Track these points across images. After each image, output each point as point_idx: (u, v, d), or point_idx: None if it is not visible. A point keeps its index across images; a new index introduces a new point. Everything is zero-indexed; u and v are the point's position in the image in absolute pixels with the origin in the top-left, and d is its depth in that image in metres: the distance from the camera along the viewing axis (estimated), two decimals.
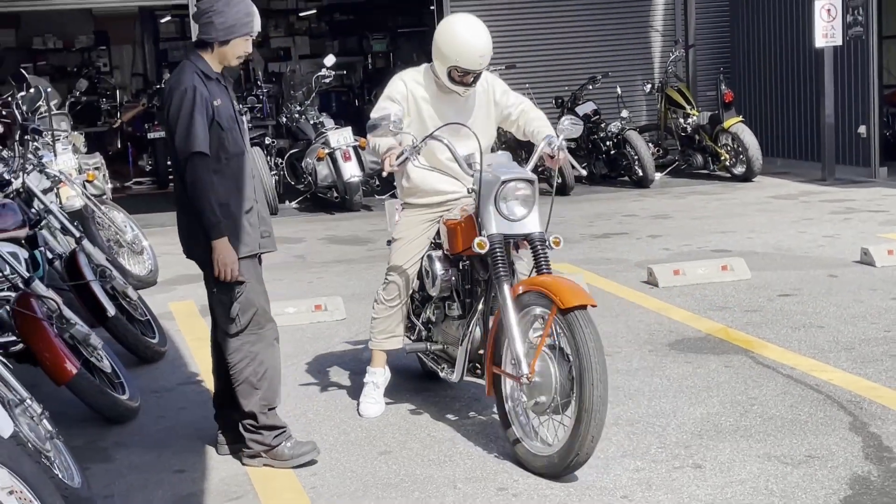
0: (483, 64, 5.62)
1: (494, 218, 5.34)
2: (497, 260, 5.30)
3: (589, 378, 4.78)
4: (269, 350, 5.29)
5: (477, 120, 5.88)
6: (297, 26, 23.59)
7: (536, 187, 5.44)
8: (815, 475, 4.89)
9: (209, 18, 5.06)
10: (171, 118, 5.04)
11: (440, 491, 4.90)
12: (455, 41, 5.58)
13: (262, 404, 5.24)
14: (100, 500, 4.97)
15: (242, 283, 5.12)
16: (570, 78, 16.30)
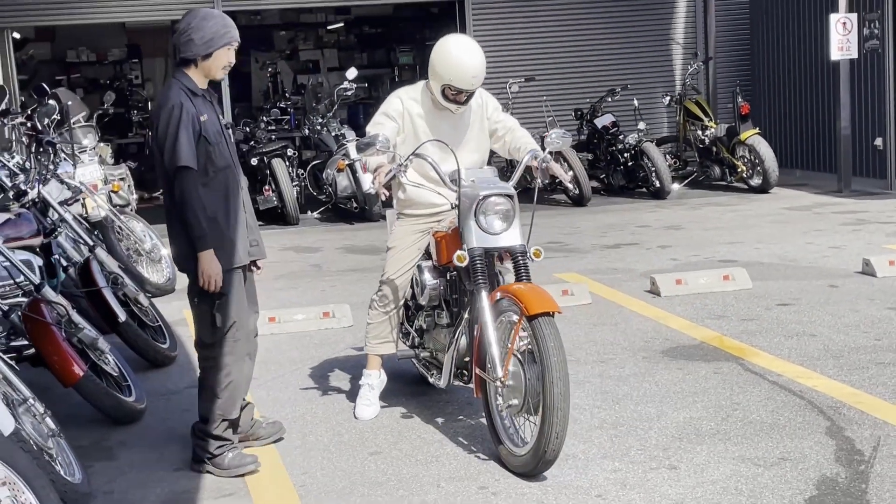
0: (475, 84, 5.84)
1: (475, 232, 5.57)
2: (477, 271, 5.53)
3: (549, 377, 5.00)
4: (238, 364, 5.44)
5: (471, 135, 6.11)
6: (326, 39, 23.87)
7: (516, 202, 5.66)
8: (784, 476, 5.07)
9: (188, 36, 5.27)
10: (160, 135, 5.24)
11: (424, 489, 5.12)
12: (449, 61, 5.81)
13: (219, 414, 5.41)
14: (100, 495, 5.22)
15: (224, 295, 5.30)
16: (590, 90, 16.54)
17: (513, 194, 5.65)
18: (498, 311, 5.44)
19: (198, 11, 5.39)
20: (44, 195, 7.31)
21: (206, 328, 5.36)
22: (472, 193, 5.59)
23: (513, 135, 6.17)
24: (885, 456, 5.26)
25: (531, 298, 5.21)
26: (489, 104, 6.20)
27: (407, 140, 6.04)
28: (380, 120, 6.05)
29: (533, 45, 17.09)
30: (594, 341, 7.57)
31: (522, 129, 6.23)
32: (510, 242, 5.61)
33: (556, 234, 12.12)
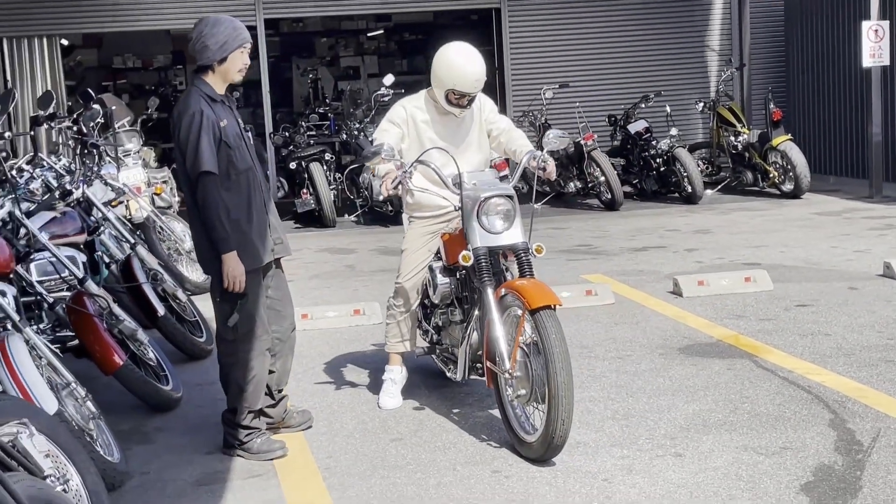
0: (477, 87, 6.14)
1: (478, 232, 5.86)
2: (482, 270, 5.83)
3: (552, 367, 5.29)
4: (259, 358, 5.72)
5: (472, 137, 6.42)
6: (367, 46, 24.24)
7: (516, 202, 5.95)
8: (784, 464, 5.32)
9: (203, 43, 5.53)
10: (181, 141, 5.50)
11: (440, 472, 5.41)
12: (452, 67, 6.12)
13: (245, 406, 5.72)
14: (137, 475, 5.56)
15: (245, 295, 5.58)
16: (624, 96, 16.80)
17: (513, 195, 5.94)
18: (504, 307, 5.73)
19: (208, 19, 5.66)
20: (88, 195, 7.67)
21: (227, 326, 5.64)
22: (473, 195, 5.88)
23: (508, 136, 6.45)
24: (883, 446, 5.49)
25: (533, 293, 5.50)
26: (485, 106, 6.49)
27: (412, 146, 6.34)
28: (385, 127, 6.37)
29: (568, 51, 17.37)
30: (614, 339, 7.83)
31: (517, 129, 6.52)
32: (512, 240, 5.90)
33: (587, 238, 12.38)
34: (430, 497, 5.13)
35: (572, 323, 8.30)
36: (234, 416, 5.74)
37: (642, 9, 17.46)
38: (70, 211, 7.37)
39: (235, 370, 5.69)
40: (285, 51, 23.95)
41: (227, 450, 5.78)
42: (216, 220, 5.48)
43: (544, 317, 5.44)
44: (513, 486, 5.22)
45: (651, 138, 15.27)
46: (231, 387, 5.74)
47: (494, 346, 5.69)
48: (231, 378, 5.73)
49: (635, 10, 17.44)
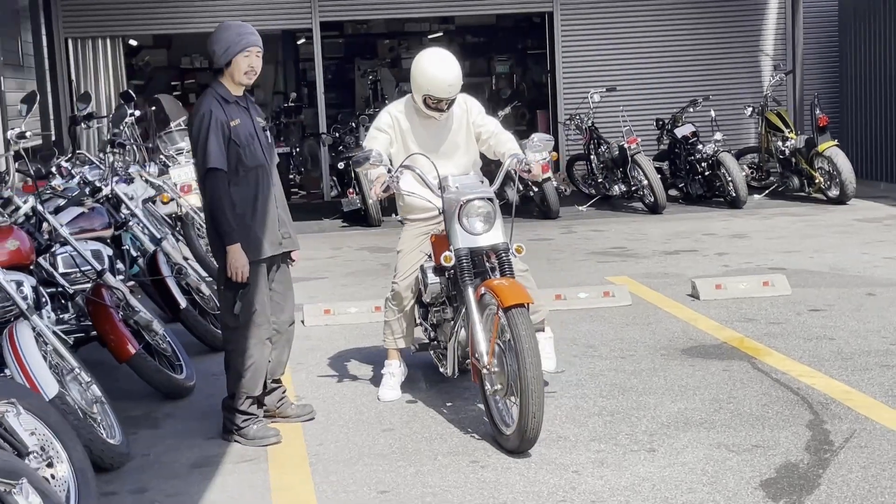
0: (452, 92, 6.40)
1: (459, 234, 6.11)
2: (463, 270, 6.09)
3: (522, 363, 5.54)
4: (259, 347, 6.04)
5: (459, 140, 6.66)
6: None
7: (496, 204, 6.18)
8: (751, 461, 5.51)
9: (211, 49, 5.92)
10: (193, 139, 5.90)
11: (421, 461, 5.68)
12: (426, 73, 6.38)
13: (244, 392, 6.03)
14: (138, 457, 5.90)
15: (247, 285, 5.91)
16: (672, 100, 16.91)
17: (493, 197, 6.16)
18: (483, 305, 5.99)
19: (220, 25, 6.04)
20: (117, 192, 8.04)
21: (230, 314, 5.98)
22: (454, 198, 6.13)
23: (497, 138, 6.68)
24: (853, 446, 5.65)
25: (506, 292, 5.76)
26: (472, 109, 6.71)
27: (399, 151, 6.60)
28: (373, 134, 6.65)
29: (619, 55, 17.55)
30: (621, 339, 8.04)
31: (506, 132, 6.74)
32: (494, 241, 6.14)
33: (622, 240, 12.55)
34: (406, 484, 5.39)
35: (585, 323, 8.53)
36: (232, 401, 6.04)
37: (694, 13, 17.57)
38: (98, 207, 7.75)
39: (235, 357, 6.01)
40: (349, 52, 24.38)
41: (226, 435, 6.09)
42: (221, 213, 5.82)
43: (516, 315, 5.68)
44: (486, 475, 5.47)
45: (697, 142, 15.36)
46: (230, 372, 6.06)
47: (474, 343, 5.95)
48: (231, 364, 6.05)
49: (687, 14, 17.57)
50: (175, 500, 5.30)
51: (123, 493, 5.41)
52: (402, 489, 5.33)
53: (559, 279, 10.29)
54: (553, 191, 14.46)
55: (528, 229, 13.77)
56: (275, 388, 6.31)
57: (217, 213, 5.82)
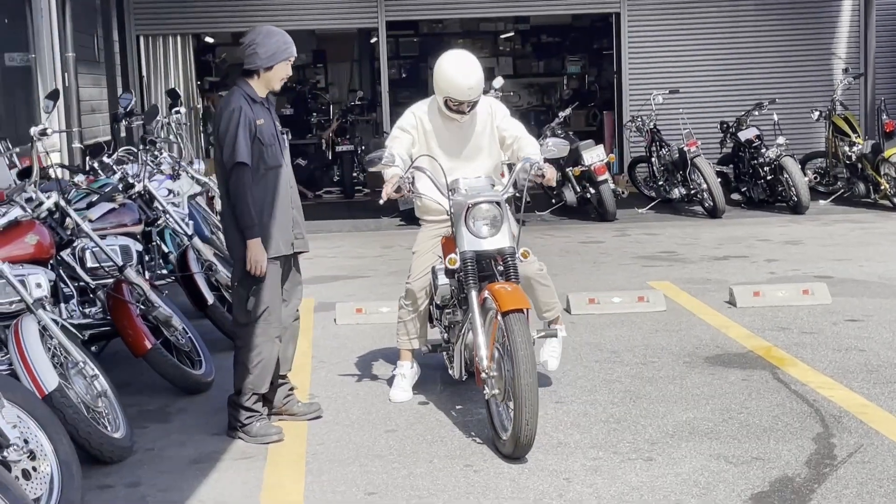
0: (471, 95, 6.38)
1: (465, 237, 6.11)
2: (468, 273, 6.09)
3: (517, 370, 5.53)
4: (269, 344, 6.11)
5: (483, 142, 6.65)
6: (503, 47, 24.54)
7: (504, 208, 6.16)
8: (746, 474, 5.43)
9: (253, 50, 5.99)
10: (221, 133, 6.00)
11: (416, 464, 5.70)
12: (447, 76, 6.38)
13: (250, 388, 6.10)
14: (141, 451, 6.00)
15: (261, 281, 5.99)
16: (738, 103, 16.73)
17: (501, 201, 6.15)
18: (486, 309, 5.99)
19: (262, 28, 6.13)
20: (150, 188, 8.17)
21: (242, 310, 6.06)
22: (462, 202, 6.13)
23: (519, 143, 6.65)
24: (855, 461, 5.55)
25: (505, 297, 5.76)
26: (497, 113, 6.70)
27: (421, 151, 6.61)
28: (396, 134, 6.67)
29: (685, 56, 17.44)
30: (647, 345, 7.97)
31: (529, 136, 6.69)
32: (500, 245, 6.12)
33: (674, 244, 12.44)
34: (395, 486, 5.41)
35: (614, 328, 8.48)
36: (238, 397, 6.11)
37: (764, 16, 17.36)
38: (129, 203, 7.89)
39: (244, 353, 6.08)
40: (423, 51, 24.46)
41: (230, 431, 6.16)
42: (244, 207, 5.92)
43: (512, 320, 5.67)
44: (477, 479, 5.47)
45: (761, 146, 15.16)
46: (238, 368, 6.13)
47: (475, 346, 5.95)
48: (239, 360, 6.12)
49: (755, 16, 17.38)
50: (165, 494, 5.38)
51: (118, 487, 5.50)
52: (390, 491, 5.35)
53: (600, 282, 10.23)
54: (609, 193, 14.36)
55: (581, 231, 13.73)
56: (281, 384, 6.37)
57: (240, 206, 5.91)
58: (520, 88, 24.61)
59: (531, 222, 14.61)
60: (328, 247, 13.06)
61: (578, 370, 7.32)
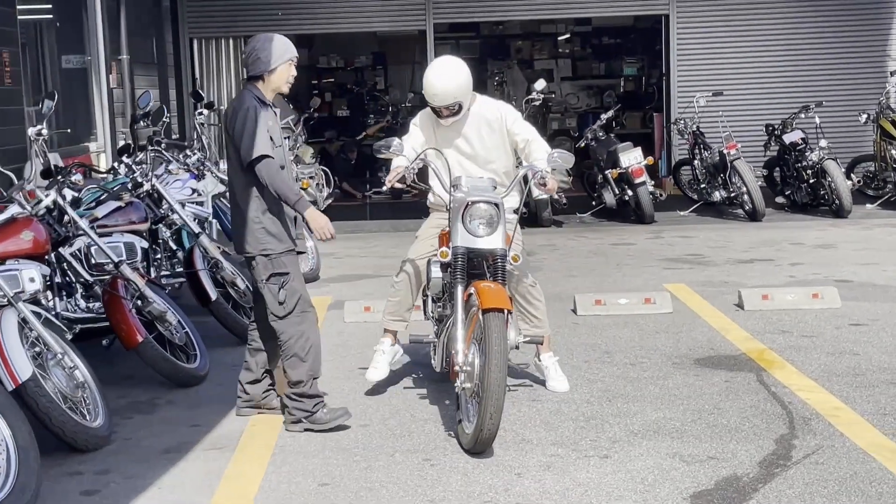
0: (443, 102, 6.55)
1: (460, 233, 6.24)
2: (457, 269, 6.21)
3: (488, 364, 5.65)
4: (313, 329, 6.35)
5: (490, 145, 6.77)
6: (562, 49, 24.57)
7: (502, 210, 6.27)
8: (696, 472, 5.50)
9: (256, 56, 6.20)
10: (237, 132, 6.13)
11: (377, 457, 5.85)
12: (426, 80, 6.56)
13: (309, 374, 6.29)
14: (119, 440, 6.22)
15: (287, 273, 6.21)
16: (784, 105, 16.62)
17: (499, 202, 6.27)
18: (470, 305, 6.11)
19: (261, 35, 6.33)
20: (158, 187, 8.43)
21: (277, 304, 6.23)
22: (462, 198, 6.26)
23: (530, 147, 6.76)
24: (809, 463, 5.59)
25: (488, 295, 5.88)
26: (507, 117, 6.81)
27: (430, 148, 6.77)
28: (411, 130, 6.88)
29: (732, 58, 17.39)
30: (641, 346, 8.03)
31: (540, 141, 6.79)
32: (493, 246, 6.25)
33: (704, 247, 12.44)
34: (350, 477, 5.57)
35: (615, 329, 8.55)
36: (298, 387, 6.25)
37: (813, 17, 17.25)
38: (136, 202, 8.15)
39: (293, 343, 6.25)
40: (482, 53, 24.58)
41: (293, 425, 6.27)
42: (287, 188, 6.11)
43: (491, 318, 5.80)
44: (431, 473, 5.60)
45: (806, 149, 15.04)
46: (290, 360, 6.26)
47: (453, 339, 6.10)
48: (289, 352, 6.26)
49: (806, 18, 17.28)
50: (130, 482, 5.58)
51: (88, 473, 5.72)
52: (344, 483, 5.50)
53: (617, 284, 10.30)
54: (647, 195, 14.38)
55: (616, 233, 13.77)
56: (262, 380, 6.55)
57: (281, 189, 6.05)
58: (578, 90, 24.64)
59: (569, 224, 14.71)
60: (362, 247, 13.27)
61: (567, 370, 7.38)
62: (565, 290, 9.94)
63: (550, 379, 7.00)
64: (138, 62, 16.35)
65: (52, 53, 15.14)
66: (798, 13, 17.29)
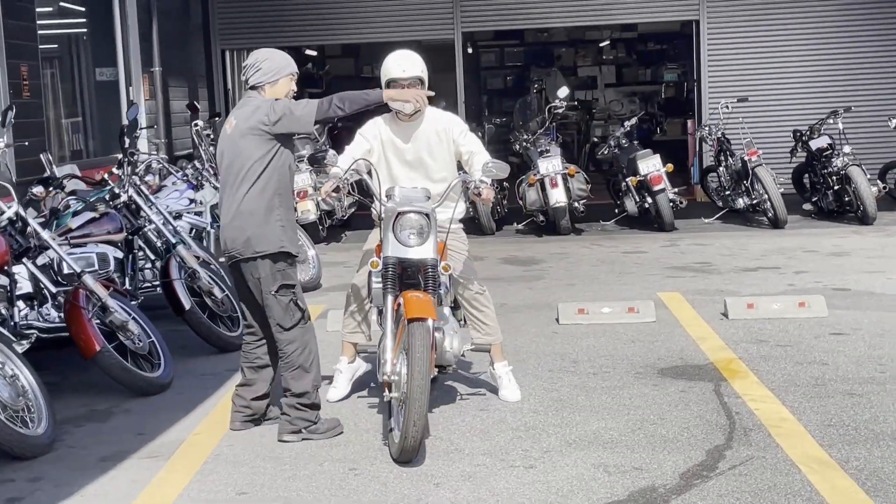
0: (404, 72, 6.65)
1: (391, 243, 6.27)
2: (387, 278, 6.25)
3: (411, 372, 5.71)
4: (314, 339, 6.44)
5: (437, 154, 6.81)
6: (606, 56, 24.49)
7: (433, 220, 6.29)
8: (613, 483, 5.48)
9: (258, 67, 6.29)
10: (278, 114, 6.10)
11: (306, 465, 5.89)
12: (390, 64, 6.72)
13: (314, 384, 6.35)
14: (63, 448, 6.34)
15: (295, 284, 6.32)
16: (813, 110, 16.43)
17: (428, 212, 6.29)
18: (398, 315, 6.14)
19: (262, 50, 6.44)
20: (135, 198, 8.56)
21: (288, 315, 6.28)
22: (392, 208, 6.30)
23: (472, 158, 6.79)
24: (734, 474, 5.55)
25: (412, 305, 5.93)
26: (454, 129, 6.85)
27: (380, 160, 6.82)
28: (357, 139, 6.91)
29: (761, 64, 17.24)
30: (610, 355, 8.00)
31: (483, 153, 6.80)
32: (421, 256, 6.27)
33: (715, 255, 12.32)
34: (270, 486, 5.62)
35: (592, 339, 8.51)
36: (302, 398, 6.29)
37: (844, 23, 17.03)
38: (111, 212, 8.29)
39: (298, 354, 6.30)
40: (526, 60, 24.60)
41: (291, 436, 6.28)
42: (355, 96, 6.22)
43: (415, 327, 5.85)
44: (351, 482, 5.64)
45: (832, 155, 14.83)
46: (294, 371, 6.29)
47: (383, 349, 6.14)
48: (292, 363, 6.30)
49: (837, 24, 17.06)
50: (57, 490, 5.68)
51: (19, 481, 5.83)
52: (263, 492, 5.56)
53: (612, 293, 10.26)
54: (666, 203, 14.27)
55: (632, 241, 13.69)
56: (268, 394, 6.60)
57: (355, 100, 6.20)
58: (622, 97, 24.56)
59: (589, 232, 14.65)
60: None
61: (528, 379, 7.39)
62: (560, 298, 9.90)
63: (502, 388, 7.01)
64: (170, 74, 16.62)
65: (87, 66, 15.49)
66: (827, 18, 17.08)
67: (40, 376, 6.99)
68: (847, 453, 5.81)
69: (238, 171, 6.29)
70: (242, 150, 6.25)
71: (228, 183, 6.37)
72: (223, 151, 6.45)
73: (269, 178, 6.24)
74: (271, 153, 6.23)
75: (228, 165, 6.37)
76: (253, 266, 6.32)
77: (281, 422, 6.35)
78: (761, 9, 17.21)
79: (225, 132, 6.47)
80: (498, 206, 15.20)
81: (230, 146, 6.36)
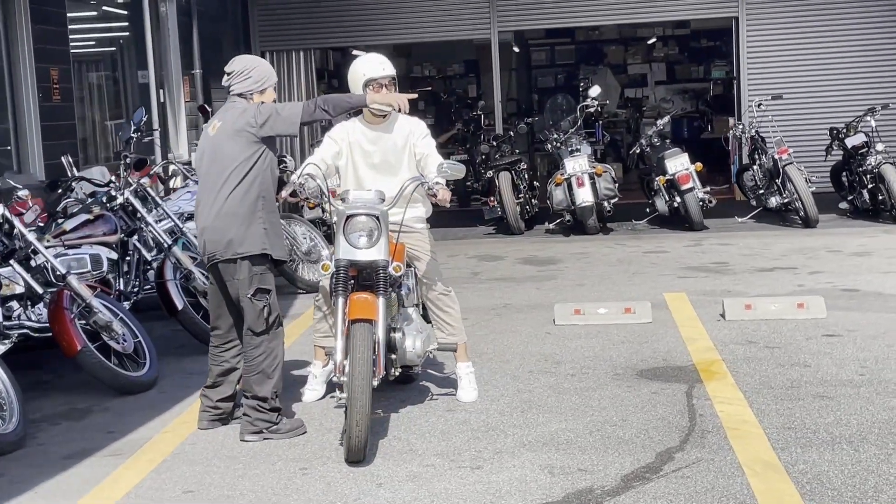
0: (389, 72, 6.77)
1: (342, 245, 6.36)
2: (338, 280, 6.32)
3: (352, 372, 5.81)
4: (281, 346, 6.55)
5: (402, 157, 6.89)
6: (656, 53, 24.33)
7: (383, 222, 6.36)
8: (553, 484, 5.50)
9: (247, 75, 6.43)
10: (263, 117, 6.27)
11: (257, 465, 5.99)
12: (359, 65, 6.83)
13: (274, 391, 6.46)
14: (33, 446, 6.51)
15: (272, 290, 6.43)
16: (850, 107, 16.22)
17: (378, 214, 6.36)
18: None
19: (246, 57, 6.67)
20: (131, 201, 8.73)
21: (261, 320, 6.39)
22: (342, 211, 6.38)
23: (426, 161, 6.87)
24: (675, 477, 5.55)
25: (354, 306, 6.05)
26: (416, 132, 6.93)
27: (347, 163, 6.90)
28: (325, 142, 7.00)
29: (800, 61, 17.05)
30: (595, 356, 8.00)
31: (435, 157, 6.85)
32: (372, 257, 6.34)
33: (734, 255, 12.23)
34: (218, 485, 5.73)
35: (583, 340, 8.52)
36: (264, 402, 6.40)
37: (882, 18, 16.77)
38: (106, 214, 8.47)
39: (264, 360, 6.41)
40: (579, 59, 24.52)
41: (253, 436, 6.40)
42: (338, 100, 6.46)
43: (356, 328, 5.95)
44: (297, 483, 5.72)
45: (868, 153, 14.62)
46: (257, 376, 6.40)
47: (334, 351, 6.22)
48: (256, 368, 6.40)
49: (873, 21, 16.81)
50: (14, 486, 5.84)
51: None
52: (209, 490, 5.67)
53: (620, 293, 10.25)
54: (694, 202, 14.17)
55: (656, 241, 13.62)
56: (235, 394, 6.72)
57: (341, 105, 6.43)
58: (673, 94, 24.36)
59: (618, 231, 14.61)
60: None
61: (505, 380, 7.44)
62: (565, 299, 9.91)
63: (460, 388, 7.06)
64: (211, 75, 16.84)
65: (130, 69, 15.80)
66: (866, 14, 16.82)
67: (36, 375, 7.21)
68: (797, 456, 5.77)
69: (220, 172, 6.39)
70: (227, 152, 6.36)
71: (209, 184, 6.47)
72: (203, 152, 6.56)
73: (253, 181, 6.35)
74: (256, 155, 6.35)
75: (209, 166, 6.49)
76: (233, 267, 6.42)
77: (242, 422, 6.45)
78: (800, 5, 17.02)
79: (207, 134, 6.59)
80: (527, 206, 15.23)
81: (211, 147, 6.47)
